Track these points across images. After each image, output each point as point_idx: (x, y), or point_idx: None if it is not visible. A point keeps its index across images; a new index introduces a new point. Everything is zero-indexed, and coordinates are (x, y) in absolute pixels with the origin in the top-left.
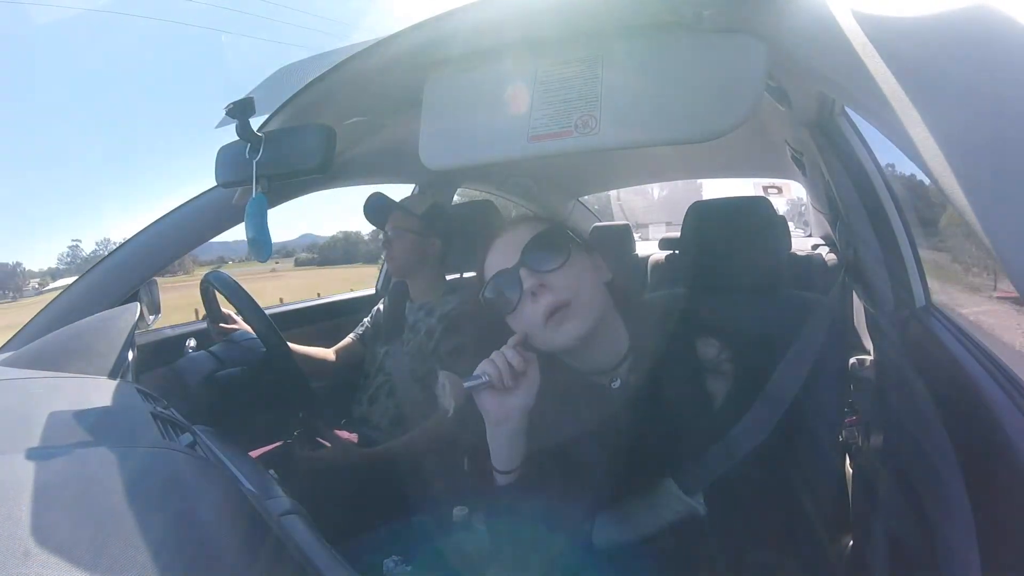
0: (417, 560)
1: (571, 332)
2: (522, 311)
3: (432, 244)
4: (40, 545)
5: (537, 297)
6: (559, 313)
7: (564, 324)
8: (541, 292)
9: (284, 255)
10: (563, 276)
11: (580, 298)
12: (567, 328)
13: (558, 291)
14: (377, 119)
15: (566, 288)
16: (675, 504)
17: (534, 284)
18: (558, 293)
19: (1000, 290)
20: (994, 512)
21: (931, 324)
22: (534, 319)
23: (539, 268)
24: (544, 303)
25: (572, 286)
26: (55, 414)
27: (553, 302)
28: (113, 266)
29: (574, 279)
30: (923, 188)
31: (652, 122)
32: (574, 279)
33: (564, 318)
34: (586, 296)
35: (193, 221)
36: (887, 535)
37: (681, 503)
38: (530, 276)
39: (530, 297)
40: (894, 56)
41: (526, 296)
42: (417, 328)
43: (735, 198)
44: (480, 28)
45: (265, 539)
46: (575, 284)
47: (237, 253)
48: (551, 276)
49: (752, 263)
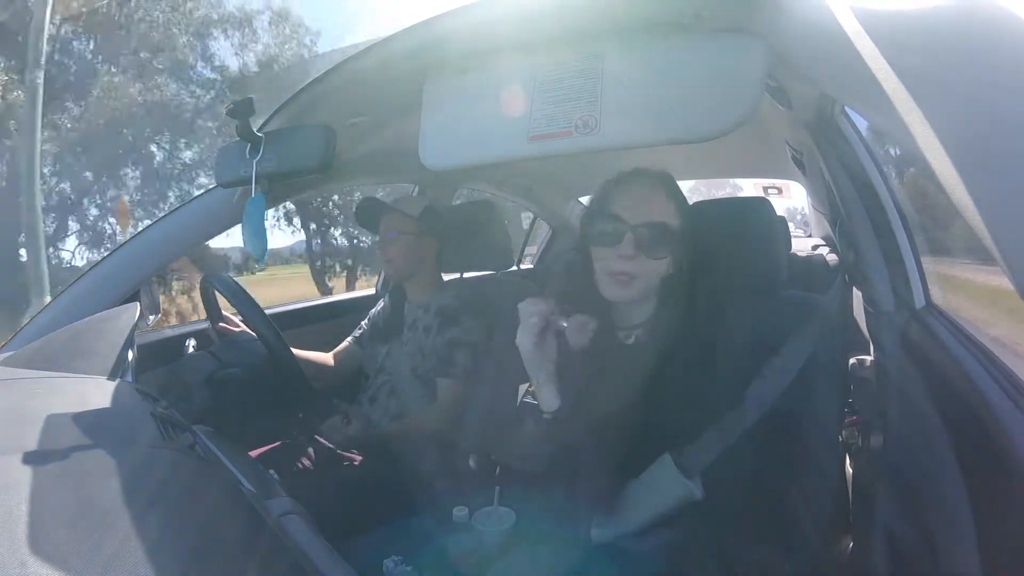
0: (417, 560)
1: (619, 291)
2: (601, 252)
3: (429, 245)
4: (39, 545)
5: (621, 259)
6: (624, 279)
7: (621, 286)
8: (626, 260)
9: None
10: (651, 264)
11: (644, 281)
12: (620, 288)
13: (637, 267)
14: (377, 119)
15: (645, 271)
16: (673, 487)
17: (629, 251)
18: (637, 268)
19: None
20: (994, 512)
21: (931, 324)
22: (605, 267)
23: (643, 249)
24: (620, 267)
25: (648, 272)
26: (55, 414)
27: (629, 272)
28: (113, 266)
29: (653, 270)
30: (923, 188)
31: (652, 122)
32: (653, 270)
33: (622, 284)
34: (648, 283)
35: (193, 221)
36: (887, 535)
37: (679, 486)
38: (632, 245)
39: (616, 254)
40: (894, 56)
41: (615, 250)
42: (416, 326)
43: (735, 198)
44: (480, 28)
45: (265, 539)
46: (651, 272)
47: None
48: (644, 259)
49: (752, 263)
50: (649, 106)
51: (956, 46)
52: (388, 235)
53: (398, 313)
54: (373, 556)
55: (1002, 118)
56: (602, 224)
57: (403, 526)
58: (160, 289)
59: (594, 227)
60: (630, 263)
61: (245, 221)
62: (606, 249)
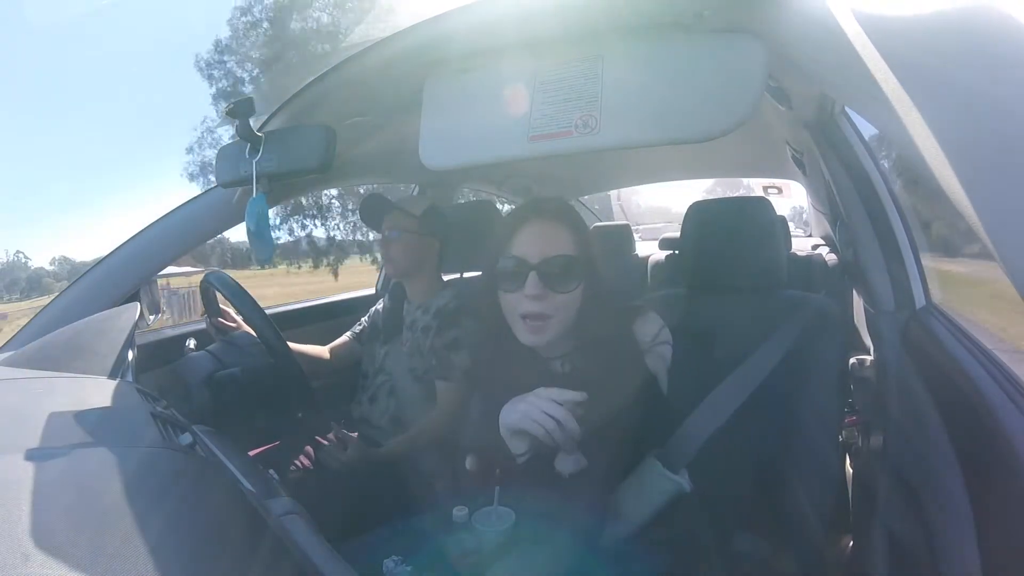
0: (417, 560)
1: (534, 338)
2: (510, 296)
3: (431, 245)
4: (39, 545)
5: (529, 299)
6: (538, 322)
7: (536, 332)
8: (535, 300)
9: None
10: (562, 299)
11: (561, 316)
12: (535, 335)
13: (548, 306)
14: (377, 119)
15: (558, 308)
16: (662, 483)
17: (536, 290)
18: (548, 307)
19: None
20: (994, 512)
21: (931, 324)
22: (515, 310)
23: (550, 286)
24: (530, 308)
25: (562, 307)
26: (55, 414)
27: (539, 314)
28: (113, 266)
29: (569, 304)
30: (923, 188)
31: (652, 122)
32: (569, 304)
33: (538, 328)
34: (566, 316)
35: (193, 221)
36: (887, 535)
37: (667, 481)
38: (538, 285)
39: (524, 295)
40: (894, 56)
41: (522, 292)
42: (415, 327)
43: (735, 198)
44: (480, 28)
45: (265, 539)
46: (566, 307)
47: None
48: (553, 295)
49: (752, 263)
50: (649, 106)
51: (956, 46)
52: (390, 233)
53: (397, 313)
54: (373, 556)
55: (1002, 118)
56: (504, 266)
57: (403, 526)
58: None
59: (498, 271)
60: (540, 303)
61: (248, 222)
62: (513, 294)
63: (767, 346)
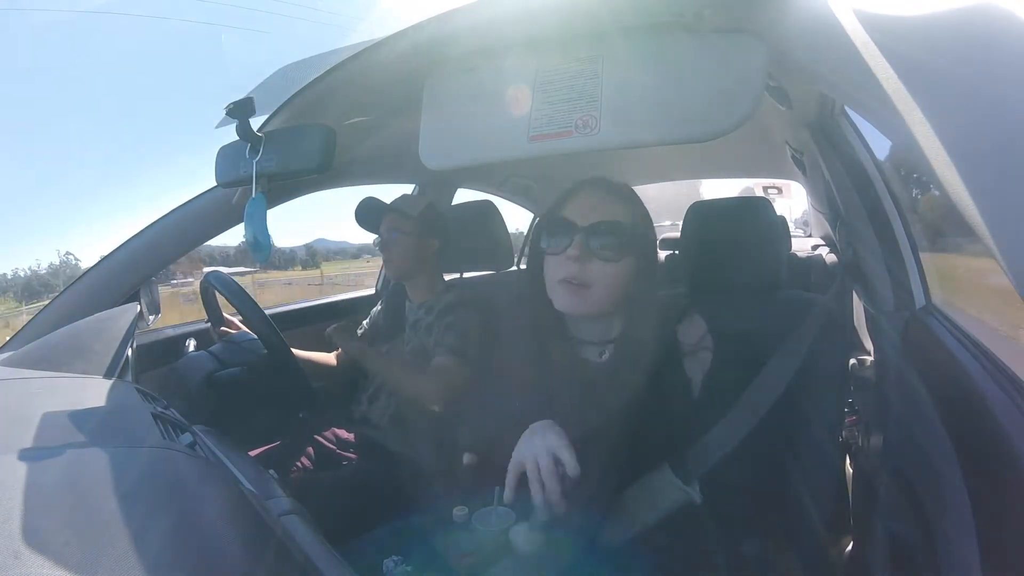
0: (417, 560)
1: (571, 301)
2: (551, 261)
3: (430, 245)
4: (37, 546)
5: (570, 261)
6: (577, 288)
7: (573, 294)
8: (576, 263)
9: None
10: (605, 268)
11: (601, 289)
12: (572, 297)
13: (591, 274)
14: (377, 119)
15: (599, 278)
16: (671, 492)
17: (579, 252)
18: (590, 275)
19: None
20: (994, 512)
21: (931, 324)
22: (555, 275)
23: (594, 250)
24: (569, 271)
25: (604, 278)
26: (55, 414)
27: (579, 279)
28: (113, 266)
29: (612, 276)
30: (923, 188)
31: (652, 122)
32: (612, 276)
33: (576, 291)
34: (608, 290)
35: (193, 221)
36: (887, 535)
37: (677, 491)
38: (582, 249)
39: (566, 256)
40: (894, 56)
41: (564, 254)
42: (417, 326)
43: (735, 198)
44: (480, 28)
45: (265, 539)
46: (607, 278)
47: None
48: (597, 262)
49: (752, 263)
50: (649, 106)
51: (956, 47)
52: (388, 236)
53: (399, 313)
54: (373, 556)
55: (1002, 118)
56: (552, 229)
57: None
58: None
59: (545, 235)
60: (581, 269)
61: (247, 222)
62: (556, 257)
63: (782, 357)
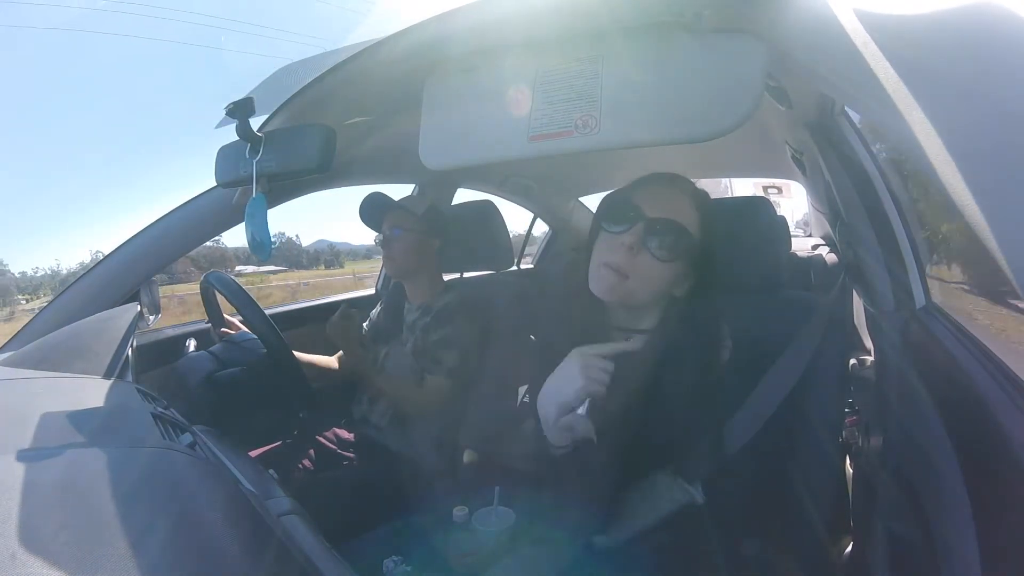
0: (417, 560)
1: (602, 287)
2: (605, 240)
3: (431, 244)
4: (35, 547)
5: (621, 248)
6: (616, 275)
7: (606, 281)
8: (626, 251)
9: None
10: (652, 265)
11: (637, 284)
12: (603, 284)
13: (636, 266)
14: (377, 119)
15: (643, 273)
16: (674, 492)
17: (634, 244)
18: (634, 267)
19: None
20: (994, 512)
21: (931, 324)
22: (601, 256)
23: (648, 247)
24: (616, 258)
25: (648, 276)
26: (55, 414)
27: (621, 269)
28: (113, 266)
29: (655, 275)
30: (923, 188)
31: (652, 122)
32: (655, 275)
33: (611, 277)
34: (646, 291)
35: (193, 221)
36: (887, 535)
37: (680, 491)
38: (638, 240)
39: (619, 242)
40: (894, 56)
41: (619, 238)
42: (415, 327)
43: (735, 198)
44: (480, 28)
45: (265, 539)
46: (651, 277)
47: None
48: (647, 257)
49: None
50: (649, 106)
51: (956, 46)
52: (391, 232)
53: (398, 314)
54: (373, 556)
55: (1002, 119)
56: (617, 209)
57: (403, 526)
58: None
59: (608, 212)
60: (629, 258)
61: (248, 221)
62: (612, 237)
63: (788, 359)
